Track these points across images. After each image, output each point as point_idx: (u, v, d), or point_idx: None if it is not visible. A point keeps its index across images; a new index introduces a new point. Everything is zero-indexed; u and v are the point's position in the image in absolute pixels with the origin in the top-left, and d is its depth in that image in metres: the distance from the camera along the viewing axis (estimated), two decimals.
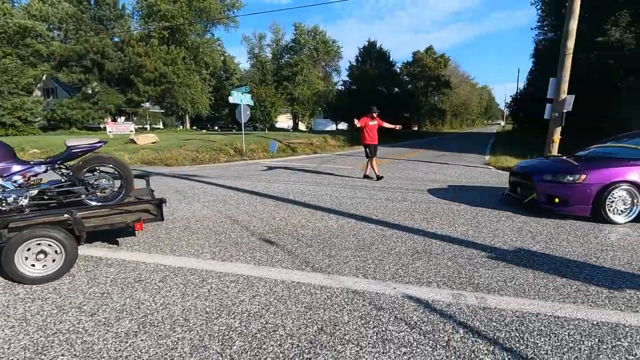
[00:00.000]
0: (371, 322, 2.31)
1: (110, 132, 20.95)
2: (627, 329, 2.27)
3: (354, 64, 35.48)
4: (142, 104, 35.82)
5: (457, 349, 2.04)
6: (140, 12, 40.31)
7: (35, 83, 34.43)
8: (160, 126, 40.91)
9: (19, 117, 29.13)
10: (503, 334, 2.19)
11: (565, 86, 9.84)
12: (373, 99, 30.09)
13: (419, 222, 4.67)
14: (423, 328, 2.25)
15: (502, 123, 65.46)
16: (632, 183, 4.53)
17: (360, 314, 2.40)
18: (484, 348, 2.06)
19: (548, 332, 2.22)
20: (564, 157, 6.04)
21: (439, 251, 3.60)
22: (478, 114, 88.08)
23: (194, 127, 45.40)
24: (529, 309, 2.48)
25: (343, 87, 38.84)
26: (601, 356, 2.00)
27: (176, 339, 2.13)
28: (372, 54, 34.56)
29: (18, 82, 29.37)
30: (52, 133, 29.89)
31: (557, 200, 4.83)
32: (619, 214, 4.62)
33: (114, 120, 32.33)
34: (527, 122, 34.99)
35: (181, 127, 43.48)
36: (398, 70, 43.71)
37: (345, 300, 2.60)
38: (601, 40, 13.60)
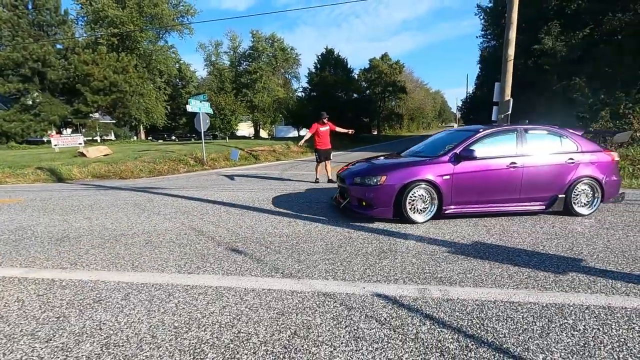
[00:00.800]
0: (343, 322, 2.36)
1: (55, 145, 19.45)
2: (572, 307, 2.51)
3: (313, 70, 35.94)
4: (91, 115, 33.64)
5: (425, 340, 2.15)
6: (85, 18, 38.04)
7: None
8: (112, 137, 38.72)
9: None
10: (466, 322, 2.34)
11: (508, 90, 10.64)
12: (333, 105, 30.63)
13: (379, 223, 4.82)
14: (392, 323, 2.34)
15: (455, 125, 69.26)
16: (429, 182, 4.60)
17: (332, 315, 2.45)
18: (449, 337, 2.18)
19: (505, 317, 2.40)
20: (382, 158, 5.90)
21: (403, 249, 3.75)
22: (433, 117, 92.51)
23: (150, 138, 43.46)
24: (488, 297, 2.67)
25: (303, 93, 39.22)
26: (551, 334, 2.19)
27: (144, 358, 2.05)
28: (330, 61, 35.23)
29: None
30: None
31: (364, 203, 4.80)
32: (419, 213, 4.67)
33: (59, 132, 30.09)
34: (477, 123, 37.20)
35: (135, 137, 41.39)
36: (356, 76, 44.86)
37: (317, 303, 2.63)
38: (537, 47, 14.89)
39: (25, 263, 3.63)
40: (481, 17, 32.09)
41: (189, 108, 12.81)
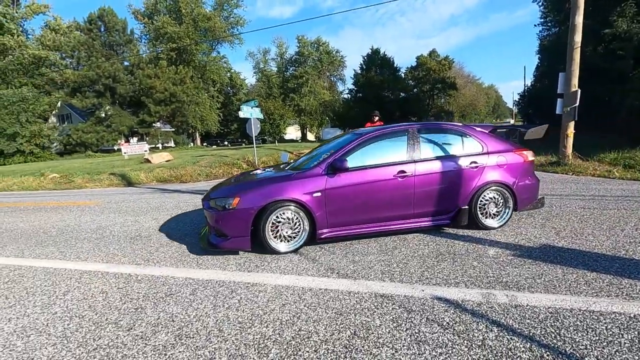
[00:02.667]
0: (403, 325, 2.31)
1: (125, 153, 21.44)
2: None
3: (359, 72, 35.82)
4: (154, 124, 36.63)
5: (493, 348, 2.03)
6: (148, 36, 41.60)
7: (51, 110, 35.56)
8: (172, 144, 41.70)
9: (37, 144, 30.12)
10: (538, 331, 2.18)
11: (575, 80, 9.77)
12: (379, 105, 30.27)
13: None
14: (456, 328, 2.24)
15: (512, 121, 64.74)
16: (295, 201, 3.69)
17: (391, 317, 2.41)
18: (521, 345, 2.04)
19: (585, 327, 2.19)
20: (261, 171, 4.89)
21: (462, 251, 3.59)
22: (486, 113, 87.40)
23: (204, 144, 46.15)
24: (562, 305, 2.46)
25: (349, 95, 39.24)
26: None
27: (213, 349, 2.17)
28: (376, 61, 34.88)
29: (35, 110, 30.43)
30: (68, 157, 30.75)
31: (220, 234, 3.78)
32: (285, 241, 3.78)
33: (127, 141, 33.10)
34: (537, 118, 34.60)
35: (192, 144, 44.24)
36: (403, 75, 43.93)
37: (375, 304, 2.61)
38: (608, 32, 13.45)
39: (106, 259, 4.03)
40: (540, 3, 29.88)
41: (241, 114, 13.39)
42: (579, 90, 9.66)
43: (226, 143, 47.01)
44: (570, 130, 10.00)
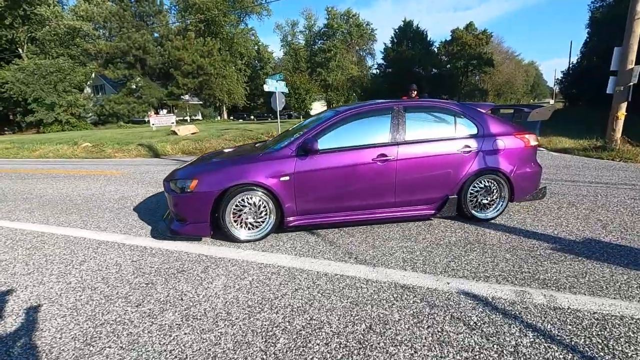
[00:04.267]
0: (425, 322, 2.10)
1: (153, 124, 21.90)
2: None
3: (389, 46, 34.30)
4: (182, 97, 37.10)
5: (527, 356, 1.79)
6: (177, 7, 41.45)
7: (86, 80, 36.70)
8: (200, 117, 42.33)
9: (72, 113, 31.38)
10: (582, 340, 1.90)
11: (633, 56, 8.75)
12: (409, 81, 29.03)
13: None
14: (485, 330, 2.01)
15: (551, 101, 60.68)
16: (260, 185, 3.34)
17: (411, 312, 2.20)
18: (560, 355, 1.79)
19: (638, 339, 1.90)
20: (238, 148, 4.42)
21: (494, 241, 3.28)
22: (524, 92, 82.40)
23: (231, 118, 46.50)
24: (611, 311, 2.15)
25: (378, 70, 37.85)
26: None
27: (219, 334, 2.06)
28: (408, 35, 33.24)
29: (71, 80, 31.49)
30: (102, 127, 31.91)
31: (179, 218, 3.50)
32: (247, 228, 3.45)
33: (157, 113, 33.82)
34: (580, 98, 32.23)
35: (219, 117, 44.70)
36: (436, 50, 41.73)
37: (394, 295, 2.40)
38: None
39: (124, 230, 4.03)
40: None
41: (266, 88, 13.15)
42: (638, 68, 8.67)
43: (252, 117, 47.14)
44: (622, 112, 9.09)
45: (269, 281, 2.67)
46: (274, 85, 13.10)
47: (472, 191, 3.77)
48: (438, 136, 3.71)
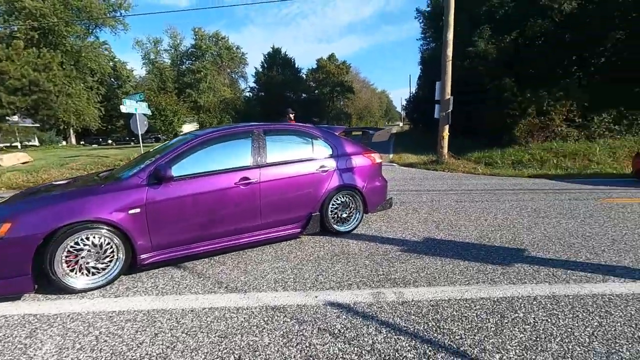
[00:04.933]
0: (294, 340, 2.14)
1: None
2: (520, 300, 2.53)
3: (260, 70, 35.29)
4: (8, 118, 29.84)
5: (381, 352, 2.00)
6: None
7: None
8: (36, 143, 34.75)
9: None
10: (422, 326, 2.24)
11: (448, 89, 11.16)
12: (281, 104, 30.32)
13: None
14: (347, 335, 2.16)
15: (401, 124, 72.20)
16: (102, 222, 2.85)
17: (281, 333, 2.21)
18: (407, 345, 2.06)
19: (460, 316, 2.34)
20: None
21: (356, 251, 3.62)
22: (380, 116, 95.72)
23: (82, 143, 39.73)
24: (442, 296, 2.61)
25: (251, 93, 38.34)
26: (505, 330, 2.16)
27: None
28: (277, 61, 34.89)
29: None
30: None
31: None
32: (87, 275, 2.87)
33: None
34: (421, 122, 39.12)
35: (65, 142, 37.59)
36: (304, 76, 44.91)
37: (265, 319, 2.38)
38: (471, 49, 15.86)
39: None
40: (420, 20, 33.72)
41: (123, 109, 11.74)
42: (452, 98, 11.08)
43: (110, 142, 41.27)
44: (446, 132, 11.42)
45: (121, 331, 2.30)
46: (134, 106, 11.82)
47: (332, 207, 4.06)
48: (298, 157, 3.89)
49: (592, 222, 4.46)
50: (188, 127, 42.64)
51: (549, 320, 2.27)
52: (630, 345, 2.00)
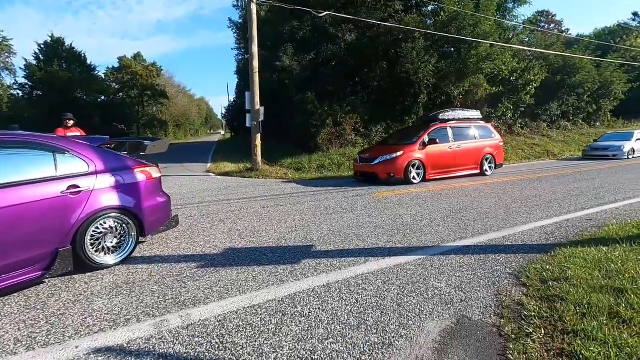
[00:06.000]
0: None
1: None
2: (302, 294, 2.78)
3: (35, 63, 27.73)
4: None
5: None
6: None
7: None
8: None
9: None
10: (205, 347, 2.13)
11: (257, 99, 11.68)
12: (70, 108, 24.73)
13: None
14: None
15: (223, 132, 71.44)
16: None
17: None
18: None
19: (245, 325, 2.36)
20: None
21: (144, 277, 3.20)
22: (200, 124, 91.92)
23: None
24: (231, 308, 2.58)
25: (21, 92, 29.61)
26: (283, 328, 2.31)
27: None
28: (60, 53, 28.22)
29: None
30: None
31: None
32: None
33: None
34: (241, 130, 39.77)
35: None
36: (103, 76, 38.23)
37: None
38: (278, 64, 17.21)
39: None
40: (234, 30, 34.28)
41: None
42: (262, 108, 11.64)
43: None
44: (258, 141, 11.91)
45: None
46: None
47: (93, 237, 3.31)
48: (32, 178, 2.96)
49: (364, 214, 5.49)
50: None
51: (321, 307, 2.57)
52: (374, 313, 2.47)
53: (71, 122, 6.93)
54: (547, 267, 3.13)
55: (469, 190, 7.55)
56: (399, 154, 8.79)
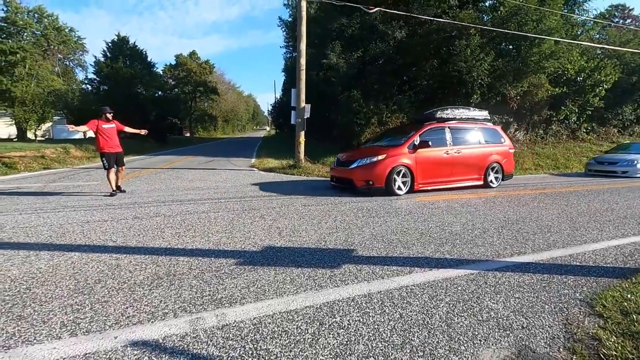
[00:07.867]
0: None
1: None
2: (340, 303, 2.61)
3: (102, 60, 30.12)
4: None
5: None
6: None
7: None
8: None
9: None
10: (238, 352, 2.03)
11: (303, 96, 11.65)
12: (131, 102, 26.55)
13: (169, 239, 4.13)
14: None
15: (268, 128, 73.20)
16: None
17: None
18: None
19: (280, 332, 2.23)
20: None
21: (185, 270, 3.21)
22: (247, 120, 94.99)
23: None
24: (266, 312, 2.48)
25: (90, 86, 32.33)
26: (320, 339, 2.15)
27: None
28: (124, 51, 30.40)
29: None
30: None
31: None
32: None
33: None
34: (286, 127, 40.44)
35: None
36: (161, 72, 40.67)
37: None
38: (325, 62, 17.11)
39: None
40: (283, 29, 34.81)
41: None
42: (308, 105, 11.61)
43: None
44: (302, 138, 11.90)
45: None
46: None
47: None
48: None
49: (409, 219, 5.19)
50: None
51: (361, 319, 2.38)
52: (420, 332, 2.24)
53: (110, 115, 7.29)
54: (629, 296, 2.68)
55: (527, 199, 6.91)
56: (380, 157, 7.16)
